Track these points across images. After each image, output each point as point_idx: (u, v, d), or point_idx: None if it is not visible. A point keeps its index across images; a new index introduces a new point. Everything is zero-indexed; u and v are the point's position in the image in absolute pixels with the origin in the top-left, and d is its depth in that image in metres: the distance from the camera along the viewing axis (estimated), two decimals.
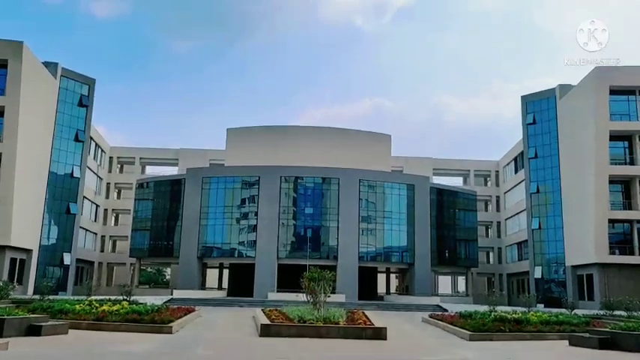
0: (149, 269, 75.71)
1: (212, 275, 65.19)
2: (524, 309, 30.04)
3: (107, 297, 28.84)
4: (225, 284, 61.75)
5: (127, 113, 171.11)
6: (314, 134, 61.34)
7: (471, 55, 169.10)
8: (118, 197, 70.37)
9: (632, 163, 45.03)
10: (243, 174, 52.77)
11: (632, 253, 43.78)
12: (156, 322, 18.97)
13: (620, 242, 45.23)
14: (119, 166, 70.32)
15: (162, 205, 55.90)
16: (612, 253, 43.77)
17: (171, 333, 18.21)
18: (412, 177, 55.62)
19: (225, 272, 62.81)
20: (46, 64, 48.38)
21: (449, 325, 22.05)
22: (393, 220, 52.27)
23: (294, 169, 52.30)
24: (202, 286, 55.50)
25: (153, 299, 32.48)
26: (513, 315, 21.96)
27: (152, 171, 70.30)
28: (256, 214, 51.14)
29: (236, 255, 52.35)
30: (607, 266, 43.31)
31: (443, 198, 56.36)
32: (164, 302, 31.54)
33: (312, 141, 59.62)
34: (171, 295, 43.96)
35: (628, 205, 45.14)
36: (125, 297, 29.39)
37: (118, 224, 70.27)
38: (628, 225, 45.17)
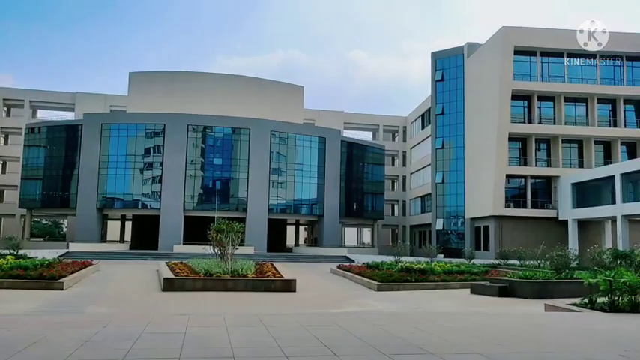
0: (44, 221, 70.90)
1: (113, 227, 62.16)
2: (426, 259, 31.26)
3: None
4: (127, 237, 59.10)
5: (21, 56, 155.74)
6: (224, 82, 58.82)
7: (384, 14, 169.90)
8: (5, 143, 64.34)
9: (529, 121, 47.43)
10: (147, 121, 49.77)
11: (524, 207, 46.74)
12: (44, 277, 17.35)
13: (514, 196, 48.06)
14: (5, 108, 63.91)
15: (57, 152, 51.65)
16: (507, 206, 46.48)
17: (62, 289, 16.70)
18: (323, 130, 55.38)
19: (128, 225, 60.02)
20: None
21: (357, 276, 22.19)
22: (304, 173, 52.04)
23: (202, 118, 50.06)
24: (103, 239, 52.75)
25: (46, 253, 30.21)
26: (418, 265, 22.53)
27: (45, 115, 64.59)
28: (162, 164, 48.82)
29: (139, 206, 49.92)
30: (502, 219, 46.00)
31: (353, 152, 56.76)
32: (58, 256, 29.48)
33: (222, 89, 57.27)
34: (67, 248, 41.26)
35: (524, 162, 47.85)
36: (12, 250, 26.99)
37: (5, 172, 64.47)
38: (523, 180, 48.02)
